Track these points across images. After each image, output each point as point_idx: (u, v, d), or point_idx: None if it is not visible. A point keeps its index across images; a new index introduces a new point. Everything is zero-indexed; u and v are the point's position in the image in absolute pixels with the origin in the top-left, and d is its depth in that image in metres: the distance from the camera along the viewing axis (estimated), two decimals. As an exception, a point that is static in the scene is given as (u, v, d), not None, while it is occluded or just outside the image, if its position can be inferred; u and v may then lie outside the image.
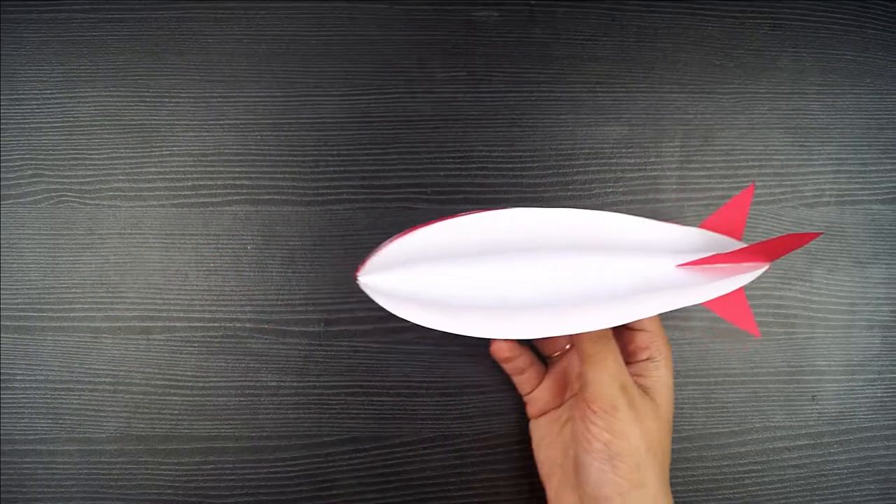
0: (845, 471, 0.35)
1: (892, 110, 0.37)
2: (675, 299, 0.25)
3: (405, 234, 0.26)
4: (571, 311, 0.25)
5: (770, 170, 0.37)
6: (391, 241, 0.26)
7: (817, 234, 0.25)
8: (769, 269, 0.27)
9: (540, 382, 0.32)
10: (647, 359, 0.29)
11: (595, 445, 0.27)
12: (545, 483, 0.31)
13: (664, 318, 0.36)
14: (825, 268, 0.36)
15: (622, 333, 0.30)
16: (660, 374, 0.29)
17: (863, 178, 0.37)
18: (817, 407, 0.36)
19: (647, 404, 0.27)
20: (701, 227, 0.28)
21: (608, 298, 0.25)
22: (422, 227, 0.26)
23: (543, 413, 0.32)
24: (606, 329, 0.27)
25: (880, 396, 0.36)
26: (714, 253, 0.26)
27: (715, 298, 0.26)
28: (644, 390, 0.28)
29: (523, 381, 0.33)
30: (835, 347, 0.36)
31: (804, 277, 0.36)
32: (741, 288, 0.26)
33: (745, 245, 0.27)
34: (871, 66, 0.38)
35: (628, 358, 0.30)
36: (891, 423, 0.36)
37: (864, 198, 0.37)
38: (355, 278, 0.26)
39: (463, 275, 0.26)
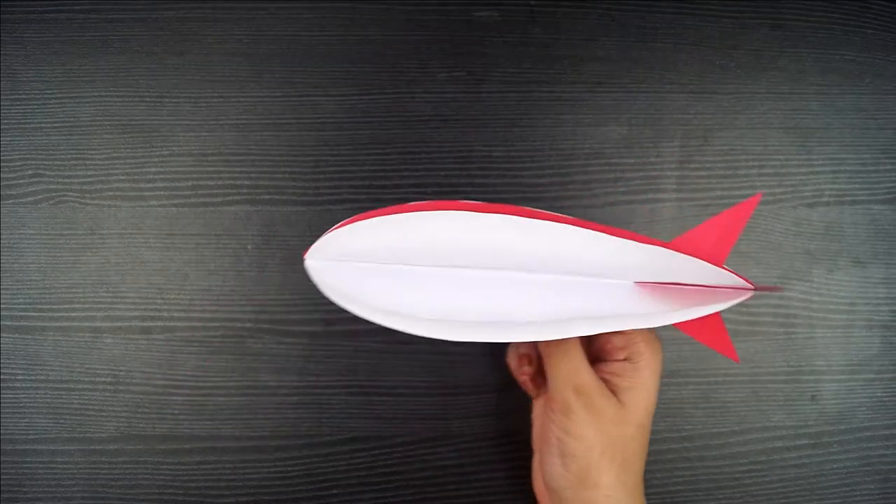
0: (845, 471, 0.35)
1: (892, 110, 0.37)
2: (634, 323, 0.24)
3: (361, 218, 0.25)
4: (521, 329, 0.24)
5: (770, 170, 0.37)
6: (343, 225, 0.25)
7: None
8: (752, 296, 0.25)
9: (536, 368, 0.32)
10: (625, 359, 0.28)
11: (552, 440, 0.27)
12: (534, 453, 0.31)
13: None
14: (825, 268, 0.36)
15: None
16: (637, 377, 0.27)
17: (862, 178, 0.37)
18: (817, 407, 0.36)
19: (609, 407, 0.26)
20: (674, 244, 0.25)
21: (559, 322, 0.24)
22: (377, 213, 0.25)
23: (539, 396, 0.32)
24: None
25: (880, 396, 0.36)
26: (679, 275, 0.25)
27: (685, 322, 0.24)
28: (617, 391, 0.27)
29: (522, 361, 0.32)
30: (834, 347, 0.36)
31: (804, 277, 0.36)
32: (717, 312, 0.24)
33: (709, 266, 0.24)
34: (870, 67, 0.38)
35: (605, 356, 0.29)
36: (891, 422, 0.36)
37: (864, 198, 0.37)
38: (303, 258, 0.26)
39: (413, 282, 0.25)
